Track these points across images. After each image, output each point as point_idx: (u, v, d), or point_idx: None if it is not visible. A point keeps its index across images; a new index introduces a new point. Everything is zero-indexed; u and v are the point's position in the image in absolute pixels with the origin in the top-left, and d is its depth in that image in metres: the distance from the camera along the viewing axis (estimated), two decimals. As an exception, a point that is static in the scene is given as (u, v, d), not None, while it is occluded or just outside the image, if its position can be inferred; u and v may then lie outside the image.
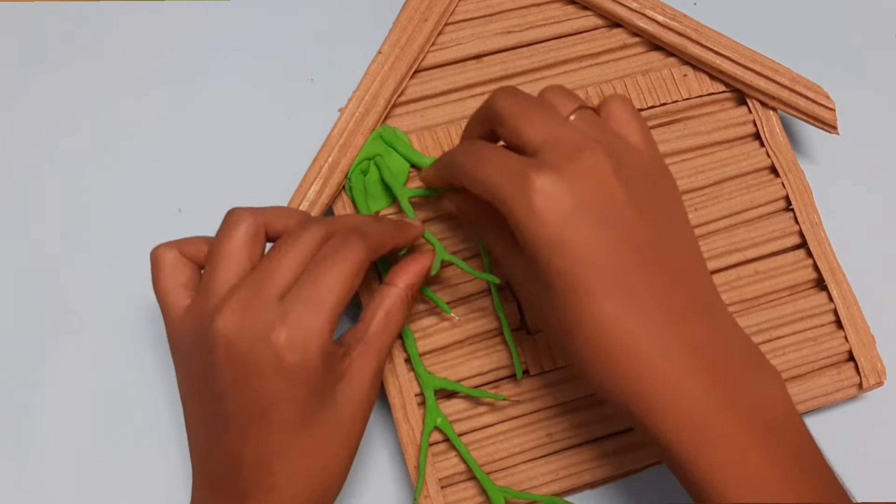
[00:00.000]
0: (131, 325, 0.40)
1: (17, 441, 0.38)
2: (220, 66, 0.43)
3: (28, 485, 0.38)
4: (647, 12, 0.41)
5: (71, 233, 0.40)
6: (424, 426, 0.36)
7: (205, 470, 0.32)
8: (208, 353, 0.30)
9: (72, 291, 0.40)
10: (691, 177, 0.41)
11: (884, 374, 0.40)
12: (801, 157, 0.44)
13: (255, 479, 0.30)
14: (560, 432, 0.38)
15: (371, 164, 0.38)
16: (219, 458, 0.31)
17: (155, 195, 0.41)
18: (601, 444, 0.38)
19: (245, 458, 0.30)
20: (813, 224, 0.41)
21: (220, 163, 0.42)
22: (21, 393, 0.38)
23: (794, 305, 0.40)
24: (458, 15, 0.40)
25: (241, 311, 0.29)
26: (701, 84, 0.42)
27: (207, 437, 0.31)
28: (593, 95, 0.41)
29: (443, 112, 0.40)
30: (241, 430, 0.30)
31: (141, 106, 0.42)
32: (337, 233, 0.32)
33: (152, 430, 0.38)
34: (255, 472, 0.30)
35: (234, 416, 0.30)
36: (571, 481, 0.38)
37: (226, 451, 0.30)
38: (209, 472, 0.31)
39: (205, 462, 0.32)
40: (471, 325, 0.38)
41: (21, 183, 0.41)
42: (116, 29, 0.43)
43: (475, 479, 0.37)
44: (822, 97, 0.42)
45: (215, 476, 0.31)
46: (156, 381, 0.39)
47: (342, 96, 0.39)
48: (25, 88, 0.42)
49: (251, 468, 0.30)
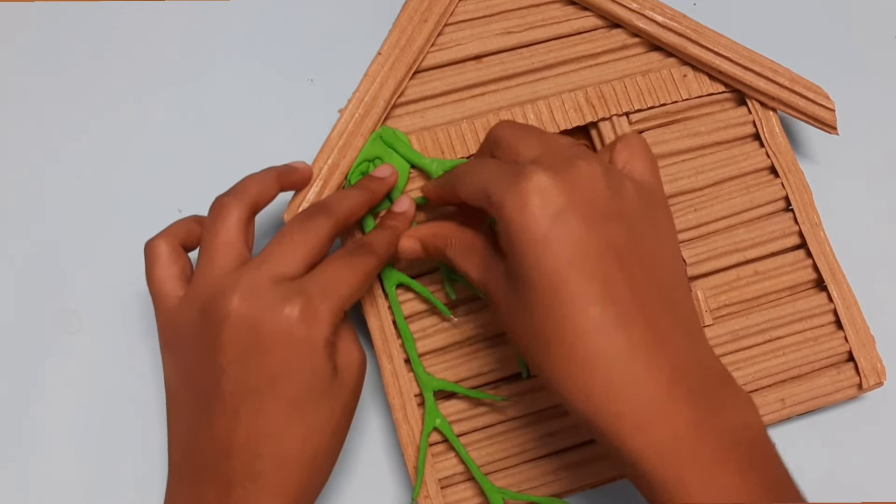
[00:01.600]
0: (131, 326, 0.40)
1: (17, 441, 0.38)
2: (221, 66, 0.43)
3: (28, 485, 0.38)
4: (647, 13, 0.41)
5: (71, 233, 0.40)
6: (424, 427, 0.36)
7: (187, 462, 0.32)
8: (212, 333, 0.30)
9: (72, 291, 0.40)
10: (691, 177, 0.41)
11: (884, 375, 0.40)
12: (801, 157, 0.44)
13: (242, 464, 0.30)
14: (560, 432, 0.38)
15: (371, 165, 0.38)
16: (205, 447, 0.31)
17: (155, 195, 0.41)
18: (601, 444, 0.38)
19: (234, 442, 0.30)
20: (813, 224, 0.41)
21: (220, 163, 0.42)
22: (21, 393, 0.38)
23: (794, 306, 0.40)
24: (458, 15, 0.40)
25: (252, 289, 0.30)
26: (701, 84, 0.42)
27: (196, 426, 0.31)
28: (593, 95, 0.41)
29: (442, 113, 0.40)
30: (234, 411, 0.30)
31: (141, 106, 0.42)
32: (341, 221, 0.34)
33: (152, 430, 0.38)
34: (244, 457, 0.30)
35: (230, 395, 0.30)
36: (571, 481, 0.38)
37: (214, 436, 0.30)
38: (192, 463, 0.31)
39: (187, 453, 0.32)
40: (470, 326, 0.38)
41: (21, 183, 0.41)
42: (116, 29, 0.43)
43: (475, 480, 0.37)
44: (821, 97, 0.42)
45: (198, 467, 0.31)
46: (155, 382, 0.39)
47: (342, 97, 0.39)
48: (25, 89, 0.42)
49: (240, 452, 0.30)
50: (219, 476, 0.30)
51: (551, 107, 0.40)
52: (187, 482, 0.31)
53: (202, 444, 0.31)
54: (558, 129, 0.40)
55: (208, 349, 0.30)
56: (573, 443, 0.38)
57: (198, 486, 0.31)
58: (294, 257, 0.31)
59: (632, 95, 0.41)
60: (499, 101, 0.40)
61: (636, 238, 0.29)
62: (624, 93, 0.41)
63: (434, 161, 0.38)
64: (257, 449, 0.30)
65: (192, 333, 0.31)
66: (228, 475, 0.30)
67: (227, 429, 0.30)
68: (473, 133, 0.39)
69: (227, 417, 0.30)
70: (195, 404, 0.31)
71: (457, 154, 0.39)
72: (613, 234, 0.29)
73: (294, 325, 0.30)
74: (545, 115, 0.40)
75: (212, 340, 0.30)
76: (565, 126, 0.40)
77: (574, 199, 0.28)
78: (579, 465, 0.38)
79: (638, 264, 0.29)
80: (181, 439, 0.32)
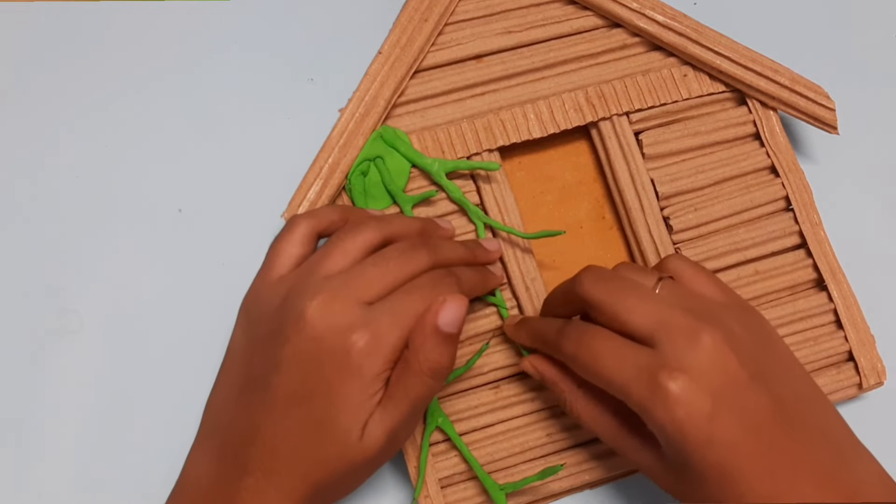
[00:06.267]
0: (131, 325, 0.39)
1: (17, 441, 0.38)
2: (221, 65, 0.43)
3: (28, 485, 0.38)
4: (647, 12, 0.41)
5: (71, 233, 0.40)
6: (426, 426, 0.36)
7: (217, 435, 0.33)
8: (286, 324, 0.31)
9: (72, 291, 0.40)
10: (691, 177, 0.41)
11: (884, 374, 0.40)
12: (801, 157, 0.44)
13: (261, 456, 0.31)
14: (560, 432, 0.38)
15: (371, 164, 0.38)
16: (236, 427, 0.32)
17: (155, 195, 0.41)
18: (601, 444, 0.38)
19: (261, 433, 0.31)
20: (813, 224, 0.41)
21: (220, 163, 0.42)
22: (21, 393, 0.38)
23: (794, 305, 0.40)
24: (458, 15, 0.40)
25: (331, 303, 0.31)
26: (701, 84, 0.42)
27: (235, 403, 0.33)
28: (593, 95, 0.41)
29: (443, 112, 0.40)
30: (272, 405, 0.31)
31: (141, 106, 0.42)
32: (439, 265, 0.34)
33: (152, 430, 0.38)
34: (264, 450, 0.31)
35: (275, 388, 0.31)
36: (571, 481, 0.38)
37: (248, 420, 0.32)
38: (222, 437, 0.33)
39: (221, 428, 0.33)
40: (471, 326, 0.38)
41: (21, 183, 0.41)
42: (116, 29, 0.43)
43: (475, 479, 0.37)
44: (822, 97, 0.42)
45: (226, 443, 0.33)
46: (156, 381, 0.39)
47: (342, 96, 0.39)
48: (25, 88, 0.42)
49: (262, 444, 0.31)
50: (238, 459, 0.32)
51: (551, 106, 0.40)
52: (210, 454, 0.33)
53: (235, 424, 0.32)
54: (559, 128, 0.40)
55: (274, 336, 0.32)
56: (574, 442, 0.38)
57: (218, 461, 0.33)
58: (383, 284, 0.32)
59: (632, 95, 0.41)
60: (499, 101, 0.40)
61: (772, 385, 0.31)
62: (624, 92, 0.41)
63: (435, 161, 0.38)
64: (276, 448, 0.31)
65: (272, 314, 0.32)
66: (247, 462, 0.31)
67: (260, 419, 0.31)
68: (474, 132, 0.40)
69: (265, 408, 0.31)
70: (244, 383, 0.33)
71: (457, 153, 0.39)
72: (758, 401, 0.30)
73: (353, 354, 0.30)
74: (545, 114, 0.40)
75: (281, 332, 0.31)
76: (566, 126, 0.40)
77: (715, 392, 0.29)
78: (580, 464, 0.38)
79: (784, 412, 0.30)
80: (218, 410, 0.34)
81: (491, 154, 0.40)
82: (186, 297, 0.39)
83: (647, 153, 0.41)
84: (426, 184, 0.39)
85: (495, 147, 0.40)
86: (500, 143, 0.40)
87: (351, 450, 0.31)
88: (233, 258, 0.39)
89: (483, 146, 0.39)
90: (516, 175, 0.42)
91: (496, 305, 0.38)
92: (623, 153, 0.41)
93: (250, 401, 0.32)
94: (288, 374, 0.31)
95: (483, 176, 0.39)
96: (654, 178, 0.40)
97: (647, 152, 0.41)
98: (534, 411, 0.38)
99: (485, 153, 0.40)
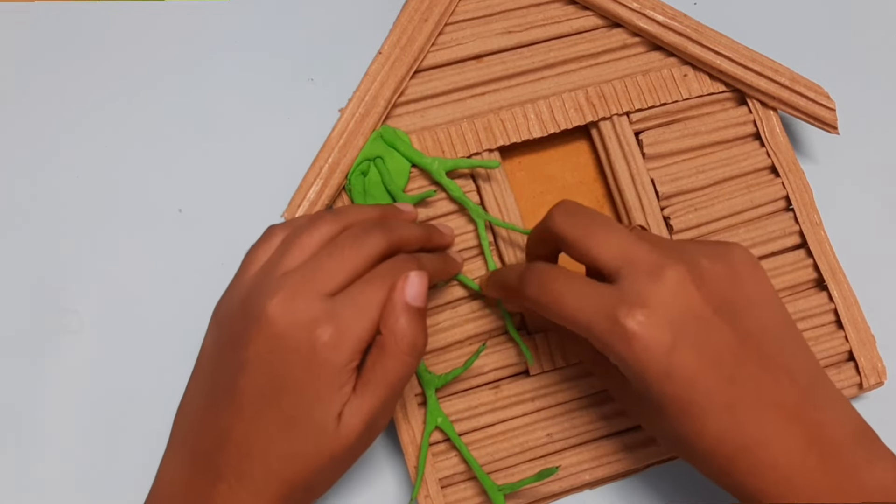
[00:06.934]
0: (131, 325, 0.40)
1: (17, 441, 0.38)
2: (220, 66, 0.43)
3: (28, 485, 0.38)
4: (647, 12, 0.41)
5: (71, 233, 0.40)
6: (425, 426, 0.36)
7: (187, 443, 0.33)
8: (248, 325, 0.31)
9: (72, 291, 0.40)
10: (691, 177, 0.41)
11: (884, 374, 0.40)
12: (801, 157, 0.44)
13: (233, 460, 0.31)
14: (560, 432, 0.38)
15: (371, 164, 0.38)
16: (206, 434, 0.32)
17: (155, 195, 0.41)
18: (601, 444, 0.38)
19: (232, 437, 0.31)
20: (813, 224, 0.41)
21: (220, 163, 0.42)
22: (21, 393, 0.38)
23: (794, 305, 0.40)
24: (459, 15, 0.40)
25: (291, 300, 0.30)
26: (701, 84, 0.42)
27: (204, 410, 0.32)
28: (594, 95, 0.41)
29: (443, 112, 0.40)
30: (240, 408, 0.31)
31: (140, 106, 0.42)
32: (398, 250, 0.33)
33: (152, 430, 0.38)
34: (236, 454, 0.31)
35: (242, 391, 0.31)
36: (571, 481, 0.38)
37: (217, 426, 0.31)
38: (192, 446, 0.32)
39: (190, 435, 0.33)
40: (471, 325, 0.38)
41: (21, 183, 0.41)
42: (116, 29, 0.43)
43: (475, 479, 0.37)
44: (822, 97, 0.42)
45: (197, 452, 0.32)
46: (156, 381, 0.39)
47: (342, 96, 0.39)
48: (25, 88, 0.42)
49: (234, 448, 0.31)
50: (210, 466, 0.31)
51: (552, 106, 0.40)
52: (182, 462, 0.32)
53: (204, 431, 0.32)
54: (559, 128, 0.40)
55: (238, 338, 0.31)
56: (574, 442, 0.38)
57: (190, 469, 0.32)
58: (342, 274, 0.31)
59: (632, 95, 0.41)
60: (499, 101, 0.40)
61: (737, 323, 0.30)
62: (624, 92, 0.41)
63: (435, 160, 0.38)
64: (249, 450, 0.31)
65: (231, 318, 0.32)
66: (219, 467, 0.31)
67: (229, 423, 0.31)
68: (474, 132, 0.39)
69: (233, 412, 0.31)
70: (211, 389, 0.32)
71: (457, 153, 0.39)
72: (721, 337, 0.30)
73: (321, 347, 0.30)
74: (545, 114, 0.40)
75: (244, 333, 0.31)
76: (566, 125, 0.40)
77: (676, 326, 0.29)
78: (580, 464, 0.38)
79: (750, 349, 0.30)
80: (188, 417, 0.33)
81: (491, 154, 0.40)
82: (186, 298, 0.39)
83: (647, 153, 0.41)
84: (426, 184, 0.39)
85: (495, 147, 0.40)
86: (501, 142, 0.40)
87: (329, 441, 0.31)
88: (233, 258, 0.39)
89: (483, 146, 0.39)
90: (516, 175, 0.42)
91: (463, 283, 0.38)
92: (623, 153, 0.41)
93: (218, 405, 0.31)
94: (254, 375, 0.31)
95: (483, 176, 0.39)
96: (655, 178, 0.40)
97: (648, 152, 0.41)
98: (534, 411, 0.38)
99: (485, 153, 0.40)
